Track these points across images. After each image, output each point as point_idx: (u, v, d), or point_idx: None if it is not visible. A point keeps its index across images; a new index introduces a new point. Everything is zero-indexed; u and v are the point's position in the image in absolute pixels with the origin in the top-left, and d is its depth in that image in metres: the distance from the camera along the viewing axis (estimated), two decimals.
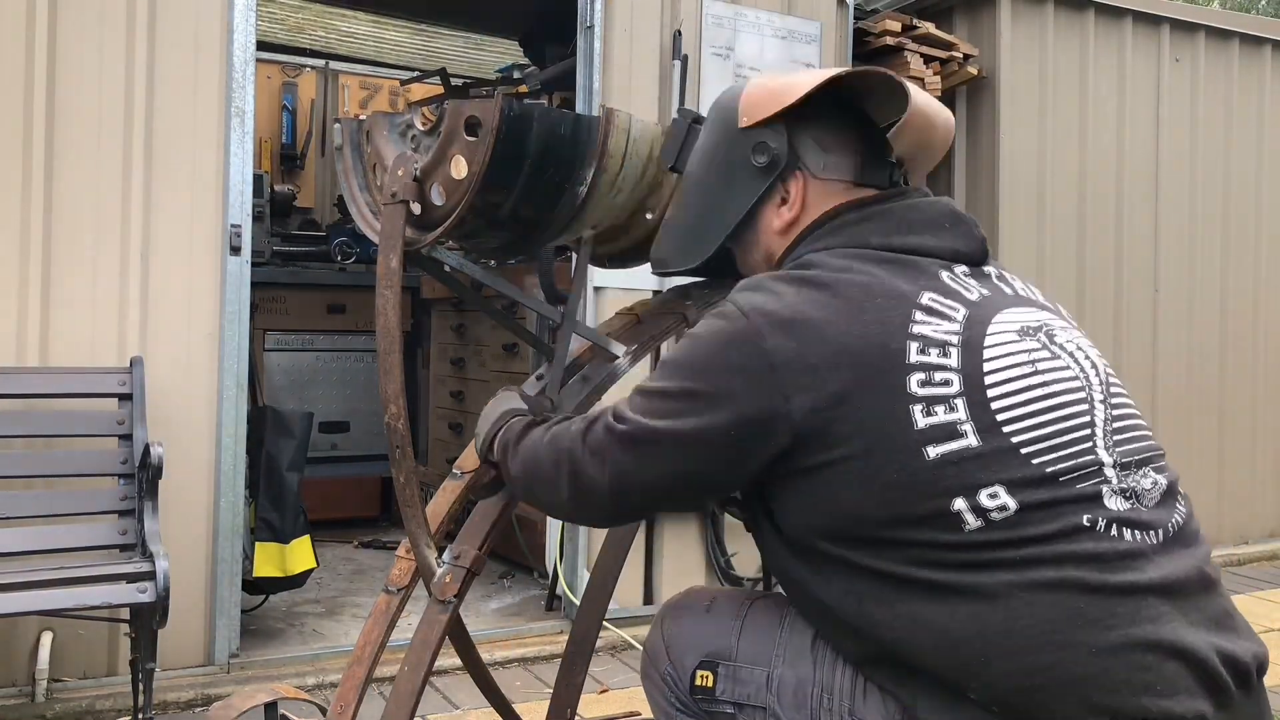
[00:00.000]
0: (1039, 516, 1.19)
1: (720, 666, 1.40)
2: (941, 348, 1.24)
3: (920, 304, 1.27)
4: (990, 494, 1.19)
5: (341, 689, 1.75)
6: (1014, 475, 1.20)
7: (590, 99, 3.64)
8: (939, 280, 1.31)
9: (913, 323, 1.25)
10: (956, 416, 1.21)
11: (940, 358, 1.23)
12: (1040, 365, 1.27)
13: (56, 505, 2.86)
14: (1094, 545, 1.18)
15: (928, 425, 1.20)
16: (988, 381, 1.23)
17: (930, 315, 1.26)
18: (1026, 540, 1.18)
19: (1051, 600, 1.16)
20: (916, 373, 1.22)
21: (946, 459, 1.19)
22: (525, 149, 1.62)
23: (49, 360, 2.93)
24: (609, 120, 1.69)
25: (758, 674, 1.38)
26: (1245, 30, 5.24)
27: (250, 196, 3.19)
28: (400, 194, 1.68)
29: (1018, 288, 1.39)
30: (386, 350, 1.67)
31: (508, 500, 1.72)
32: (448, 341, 5.11)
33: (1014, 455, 1.20)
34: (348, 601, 3.99)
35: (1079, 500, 1.21)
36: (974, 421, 1.21)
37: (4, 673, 2.89)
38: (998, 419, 1.22)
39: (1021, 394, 1.24)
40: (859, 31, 4.31)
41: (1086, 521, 1.19)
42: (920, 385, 1.22)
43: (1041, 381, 1.25)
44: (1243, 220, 5.21)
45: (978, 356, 1.24)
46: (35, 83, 2.92)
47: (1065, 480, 1.21)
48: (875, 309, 1.25)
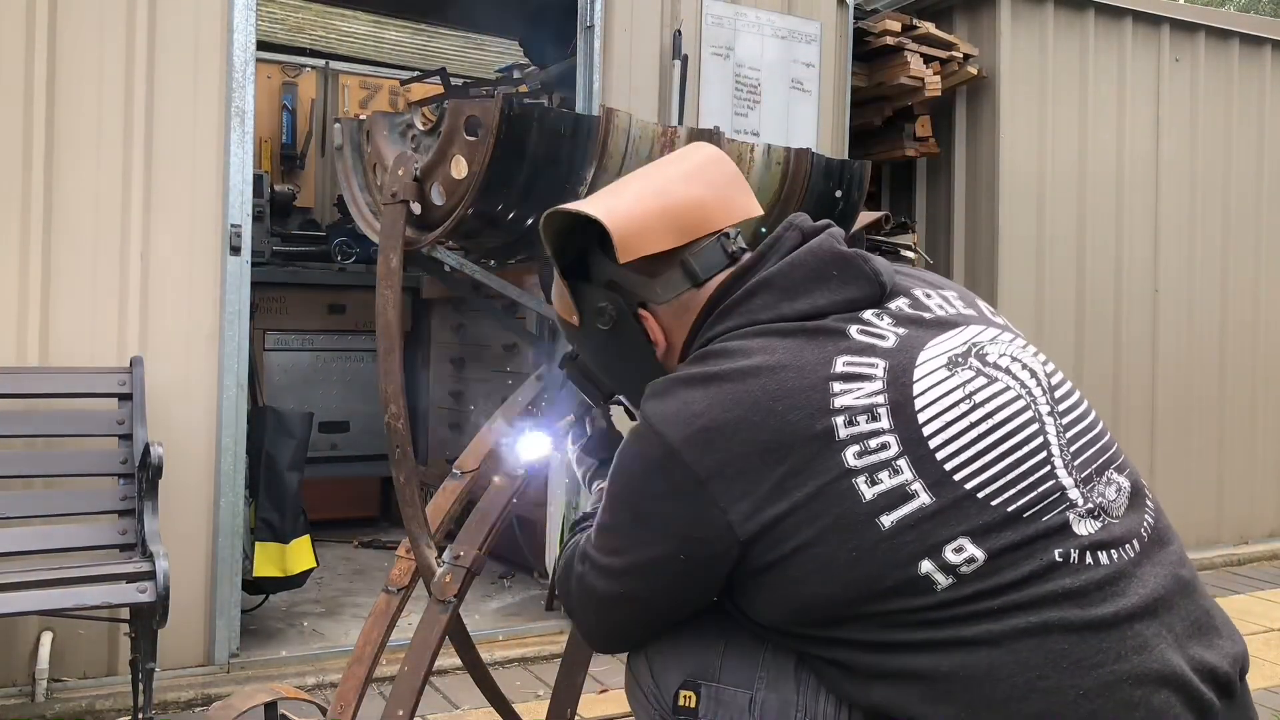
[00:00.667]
0: (1010, 560, 1.15)
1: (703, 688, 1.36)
2: (869, 413, 1.18)
3: (834, 373, 1.20)
4: (955, 548, 1.15)
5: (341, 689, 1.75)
6: (976, 523, 1.15)
7: (590, 99, 3.64)
8: (848, 338, 1.24)
9: (832, 397, 1.19)
10: (903, 478, 1.16)
11: (870, 423, 1.17)
12: (977, 397, 1.21)
13: (56, 505, 2.87)
14: (1070, 581, 1.15)
15: (875, 495, 1.15)
16: (926, 433, 1.18)
17: (848, 382, 1.20)
18: (1001, 588, 1.14)
19: (1034, 645, 1.13)
20: (850, 446, 1.17)
21: (903, 524, 1.15)
22: (525, 149, 1.62)
23: (49, 360, 2.93)
24: (609, 120, 1.69)
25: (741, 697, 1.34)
26: (1245, 30, 5.25)
27: (250, 196, 3.19)
28: (400, 194, 1.68)
29: (933, 308, 1.30)
30: (386, 350, 1.67)
31: None
32: (448, 341, 5.11)
33: (971, 502, 1.16)
34: (348, 601, 3.99)
35: (1048, 534, 1.16)
36: (922, 479, 1.16)
37: (4, 672, 2.89)
38: (946, 469, 1.17)
39: (964, 435, 1.18)
40: (859, 31, 4.31)
41: (1059, 556, 1.16)
42: (857, 457, 1.16)
43: (983, 415, 1.20)
44: (1243, 220, 5.21)
45: (909, 409, 1.19)
46: (35, 82, 2.92)
47: (1030, 516, 1.17)
48: (788, 395, 1.19)
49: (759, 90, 3.94)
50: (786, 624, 1.25)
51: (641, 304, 1.41)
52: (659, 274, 1.39)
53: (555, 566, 1.50)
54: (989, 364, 1.24)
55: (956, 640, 1.14)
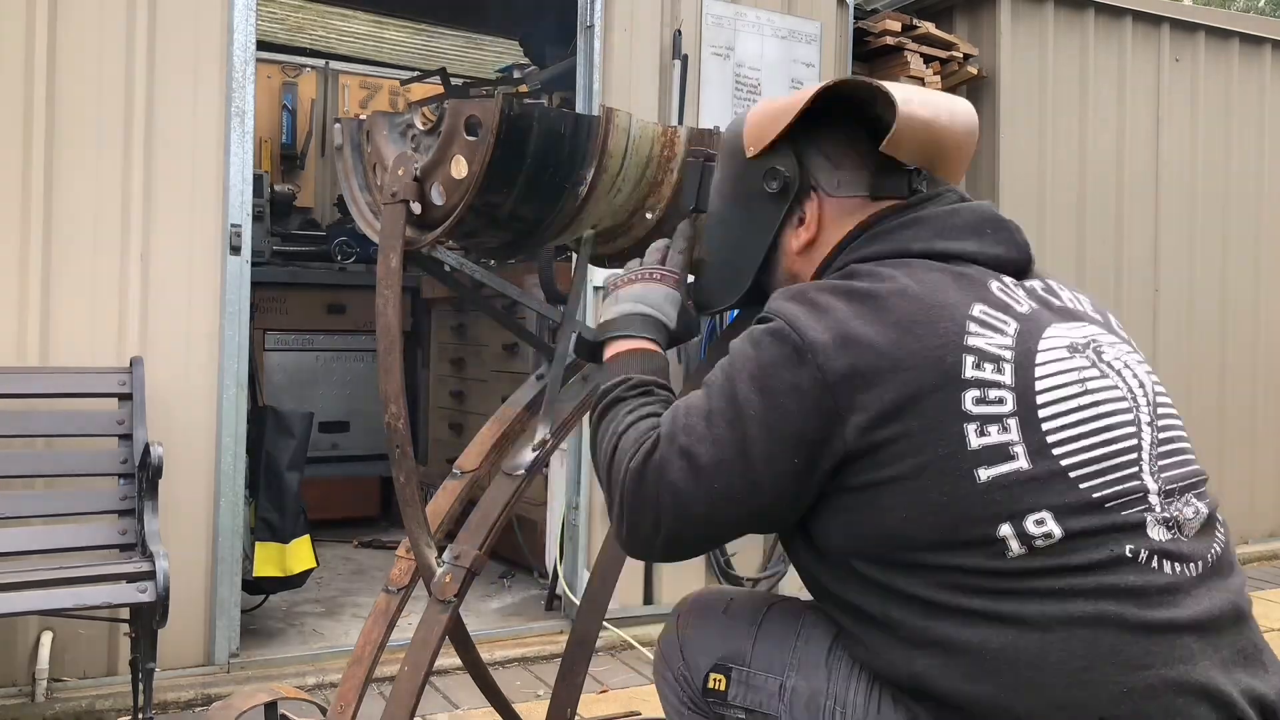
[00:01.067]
0: (1083, 545, 1.16)
1: (733, 671, 1.39)
2: (996, 363, 1.19)
3: (973, 315, 1.22)
4: (1037, 520, 1.16)
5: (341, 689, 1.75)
6: (1061, 501, 1.16)
7: (590, 99, 3.64)
8: (988, 290, 1.27)
9: (967, 334, 1.20)
10: (1009, 438, 1.17)
11: (995, 374, 1.19)
12: (1090, 384, 1.23)
13: (56, 505, 2.86)
14: (1134, 578, 1.16)
15: (981, 446, 1.17)
16: (1039, 401, 1.19)
17: (983, 328, 1.22)
18: (1067, 570, 1.16)
19: (1087, 636, 1.14)
20: (972, 389, 1.18)
21: (997, 482, 1.16)
22: (525, 149, 1.62)
23: (49, 360, 2.93)
24: (609, 120, 1.69)
25: (771, 682, 1.36)
26: (1245, 30, 5.25)
27: (250, 196, 3.19)
28: (400, 194, 1.68)
29: (1065, 298, 1.34)
30: (386, 350, 1.67)
31: None
32: (448, 341, 5.11)
33: (1063, 479, 1.17)
34: (348, 601, 3.99)
35: (1123, 529, 1.18)
36: (1025, 443, 1.17)
37: (4, 672, 2.89)
38: (1048, 441, 1.18)
39: (1072, 414, 1.20)
40: (859, 31, 4.31)
41: (1129, 552, 1.17)
42: (975, 403, 1.18)
43: (1092, 401, 1.21)
44: (1243, 220, 5.21)
45: (1030, 374, 1.20)
46: (35, 82, 2.92)
47: (1111, 507, 1.18)
48: (927, 321, 1.21)
49: (759, 90, 3.94)
50: (850, 556, 1.24)
51: (814, 188, 1.41)
52: (844, 168, 1.40)
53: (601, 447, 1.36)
54: (1104, 360, 1.26)
55: (1010, 617, 1.15)
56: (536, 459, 1.83)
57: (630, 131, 1.71)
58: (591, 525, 3.69)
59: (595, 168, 1.69)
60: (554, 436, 1.86)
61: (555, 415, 1.85)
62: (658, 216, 1.82)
